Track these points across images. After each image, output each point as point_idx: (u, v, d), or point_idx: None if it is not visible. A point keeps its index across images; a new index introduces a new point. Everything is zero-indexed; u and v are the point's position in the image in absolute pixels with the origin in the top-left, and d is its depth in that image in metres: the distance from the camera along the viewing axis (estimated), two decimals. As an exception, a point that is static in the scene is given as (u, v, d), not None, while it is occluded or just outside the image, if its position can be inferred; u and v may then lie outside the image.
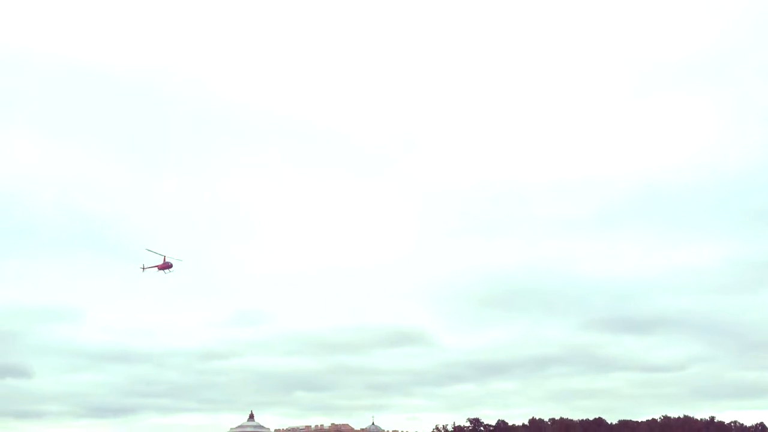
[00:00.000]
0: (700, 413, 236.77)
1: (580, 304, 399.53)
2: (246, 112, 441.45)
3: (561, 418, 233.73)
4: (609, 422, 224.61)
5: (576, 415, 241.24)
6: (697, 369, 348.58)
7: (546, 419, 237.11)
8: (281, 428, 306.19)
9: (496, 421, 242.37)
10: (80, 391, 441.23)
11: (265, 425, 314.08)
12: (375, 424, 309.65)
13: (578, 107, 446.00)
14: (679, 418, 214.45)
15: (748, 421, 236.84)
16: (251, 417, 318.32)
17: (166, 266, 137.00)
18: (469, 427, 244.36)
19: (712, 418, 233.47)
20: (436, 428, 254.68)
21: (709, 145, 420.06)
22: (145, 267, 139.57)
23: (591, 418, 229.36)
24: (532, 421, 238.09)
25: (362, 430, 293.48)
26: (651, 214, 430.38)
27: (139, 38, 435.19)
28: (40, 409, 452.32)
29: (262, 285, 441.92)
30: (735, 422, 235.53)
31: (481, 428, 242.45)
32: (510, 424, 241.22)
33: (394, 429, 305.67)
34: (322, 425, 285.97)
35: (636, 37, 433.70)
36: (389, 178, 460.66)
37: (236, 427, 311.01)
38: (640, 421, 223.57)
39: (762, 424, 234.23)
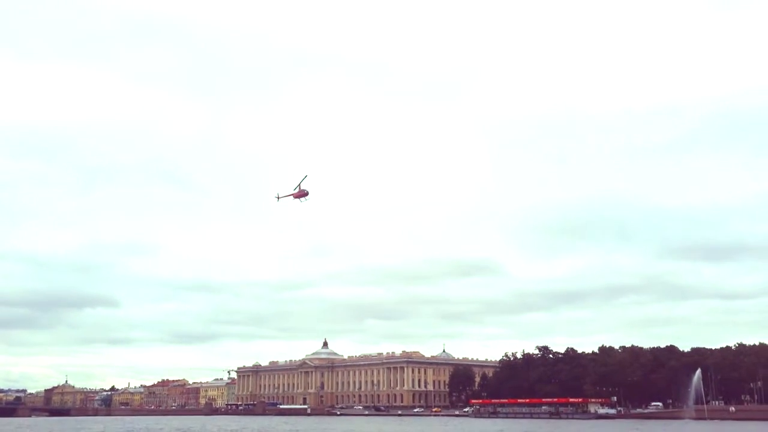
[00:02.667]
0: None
1: (654, 232, 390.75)
2: (311, 46, 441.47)
3: (632, 346, 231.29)
4: (681, 350, 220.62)
5: (648, 344, 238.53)
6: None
7: (617, 347, 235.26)
8: (354, 355, 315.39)
9: (565, 349, 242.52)
10: (165, 319, 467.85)
11: (338, 352, 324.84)
12: (446, 351, 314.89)
13: (648, 28, 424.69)
14: (754, 345, 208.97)
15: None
16: (325, 344, 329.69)
17: (302, 194, 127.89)
18: (537, 354, 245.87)
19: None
20: (505, 355, 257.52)
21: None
22: (280, 196, 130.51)
23: (662, 346, 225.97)
24: (602, 348, 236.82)
25: (432, 357, 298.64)
26: (728, 139, 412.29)
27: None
28: (129, 336, 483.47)
29: (335, 217, 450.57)
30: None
31: (550, 355, 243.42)
32: (579, 351, 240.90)
33: (464, 356, 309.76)
34: (393, 352, 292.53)
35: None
36: (459, 109, 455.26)
37: (311, 354, 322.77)
38: (713, 348, 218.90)
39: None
